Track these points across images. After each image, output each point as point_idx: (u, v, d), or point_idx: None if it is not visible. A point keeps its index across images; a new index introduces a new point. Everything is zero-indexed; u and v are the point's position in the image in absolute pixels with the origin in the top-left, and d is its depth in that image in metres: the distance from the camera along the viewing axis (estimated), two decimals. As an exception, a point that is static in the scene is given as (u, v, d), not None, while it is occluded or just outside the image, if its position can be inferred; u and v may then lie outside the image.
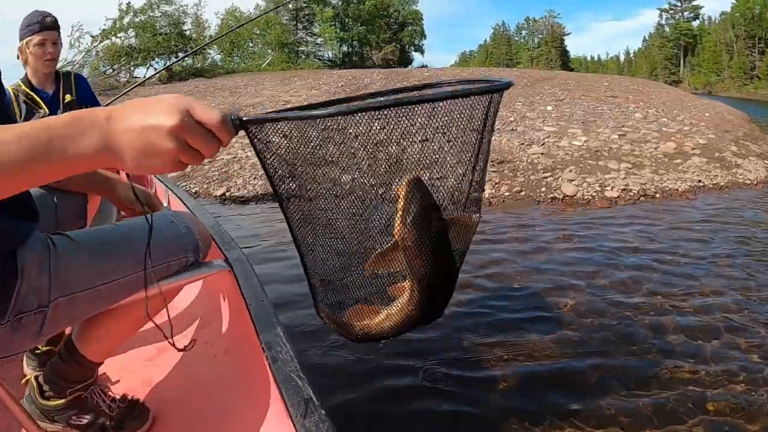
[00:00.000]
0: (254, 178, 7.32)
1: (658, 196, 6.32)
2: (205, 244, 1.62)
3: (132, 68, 28.19)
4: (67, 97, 3.41)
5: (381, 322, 1.20)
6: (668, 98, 13.85)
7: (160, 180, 3.38)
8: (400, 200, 1.06)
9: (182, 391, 1.86)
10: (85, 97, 3.51)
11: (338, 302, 1.21)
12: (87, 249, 1.31)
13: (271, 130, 0.98)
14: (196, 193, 7.10)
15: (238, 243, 2.02)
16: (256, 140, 0.98)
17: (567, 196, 6.27)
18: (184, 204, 2.75)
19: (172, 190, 3.11)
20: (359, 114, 0.94)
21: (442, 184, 1.11)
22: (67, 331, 1.63)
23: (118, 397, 1.68)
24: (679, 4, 76.19)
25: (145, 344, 2.12)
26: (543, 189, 6.45)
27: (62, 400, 1.56)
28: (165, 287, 1.44)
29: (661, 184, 6.61)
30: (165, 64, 29.17)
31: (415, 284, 1.13)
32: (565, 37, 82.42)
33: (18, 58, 3.34)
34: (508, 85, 1.05)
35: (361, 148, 1.04)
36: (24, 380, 1.77)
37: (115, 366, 1.96)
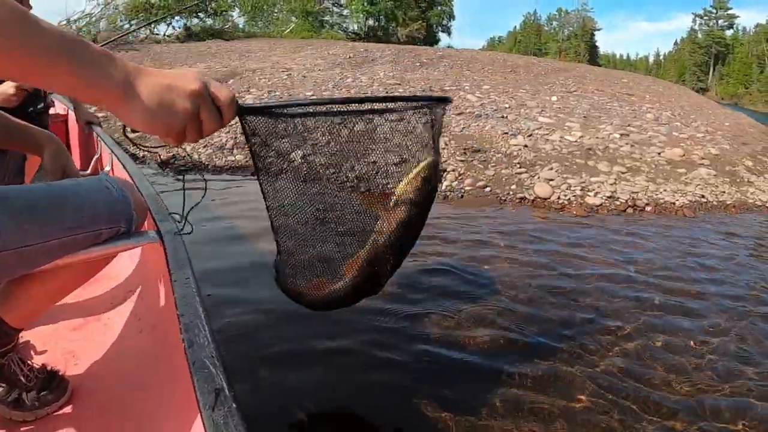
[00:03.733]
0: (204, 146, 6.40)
1: (649, 209, 5.19)
2: (139, 214, 1.54)
3: (152, 26, 27.57)
4: None
5: (334, 292, 1.48)
6: (688, 103, 12.61)
7: (105, 144, 3.20)
8: (417, 169, 1.40)
9: (104, 365, 1.83)
10: None
11: (300, 274, 1.53)
12: (10, 207, 1.21)
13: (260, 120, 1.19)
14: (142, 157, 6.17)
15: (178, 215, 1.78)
16: (247, 125, 1.19)
17: (538, 197, 5.19)
18: (126, 170, 2.57)
19: (116, 156, 2.92)
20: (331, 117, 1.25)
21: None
22: None
23: (37, 366, 1.63)
24: (714, 11, 73.66)
25: (71, 313, 2.09)
26: (513, 186, 5.37)
27: None
28: (92, 255, 1.43)
29: (656, 194, 5.46)
30: (184, 23, 28.28)
31: (365, 261, 1.41)
32: (595, 32, 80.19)
33: None
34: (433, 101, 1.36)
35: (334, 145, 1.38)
36: None
37: (37, 334, 1.89)
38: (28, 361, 1.62)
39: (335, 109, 1.21)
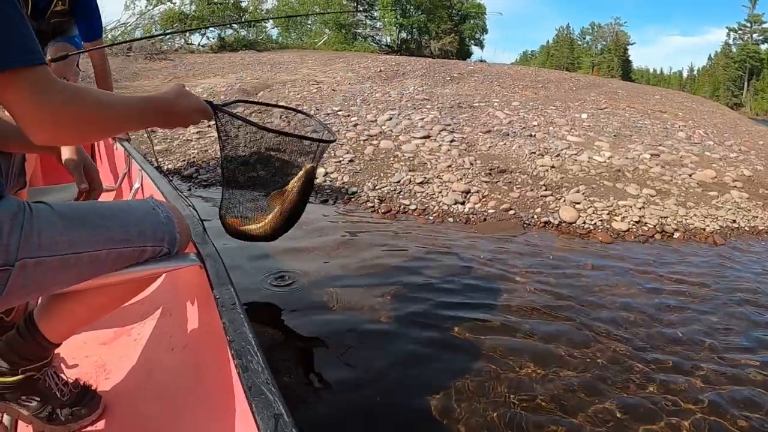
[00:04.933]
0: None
1: (677, 235, 4.99)
2: (183, 237, 1.60)
3: (187, 35, 27.94)
4: (59, 5, 3.33)
5: (258, 230, 2.04)
6: (722, 120, 12.28)
7: (135, 160, 3.18)
8: (301, 174, 1.99)
9: (135, 380, 1.85)
10: (81, 4, 3.41)
11: (236, 215, 2.11)
12: (63, 217, 1.30)
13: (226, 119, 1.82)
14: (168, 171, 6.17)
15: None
16: (219, 122, 1.83)
17: (564, 222, 5.02)
18: (158, 187, 2.62)
19: (146, 172, 2.93)
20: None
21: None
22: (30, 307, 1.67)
23: (71, 381, 1.66)
24: (749, 25, 72.09)
25: (102, 327, 2.13)
26: (537, 210, 5.21)
27: (14, 378, 1.49)
28: (135, 275, 1.49)
29: (686, 220, 5.27)
30: (219, 34, 28.57)
31: (279, 212, 2.00)
32: (629, 47, 79.23)
33: None
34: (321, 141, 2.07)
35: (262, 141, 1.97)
36: None
37: (68, 347, 1.88)
38: (62, 375, 1.64)
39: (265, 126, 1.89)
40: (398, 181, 5.66)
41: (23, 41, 1.06)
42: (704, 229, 5.16)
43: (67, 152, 1.80)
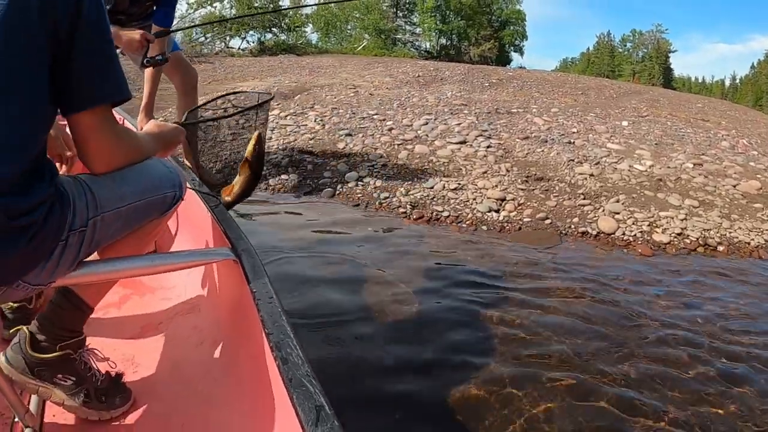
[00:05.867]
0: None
1: (721, 248, 4.75)
2: (185, 182, 1.76)
3: (227, 38, 28.19)
4: None
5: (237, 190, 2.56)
6: (767, 131, 11.90)
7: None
8: (252, 141, 2.48)
9: (164, 373, 1.84)
10: None
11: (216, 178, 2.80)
12: (107, 178, 1.43)
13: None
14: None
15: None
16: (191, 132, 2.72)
17: (602, 232, 4.82)
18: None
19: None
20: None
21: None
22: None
23: (102, 371, 1.67)
24: (796, 33, 70.46)
25: (129, 322, 2.15)
26: (575, 219, 5.02)
27: (52, 354, 1.51)
28: (171, 267, 1.71)
29: (730, 233, 5.02)
30: (258, 38, 28.78)
31: (245, 175, 2.51)
32: (670, 54, 77.71)
33: None
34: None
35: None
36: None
37: (97, 341, 1.81)
38: (95, 364, 1.67)
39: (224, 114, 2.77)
40: (432, 187, 5.53)
41: (123, 78, 1.38)
42: (749, 243, 4.91)
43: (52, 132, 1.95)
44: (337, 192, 5.50)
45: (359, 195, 5.43)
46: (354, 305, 3.22)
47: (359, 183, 5.66)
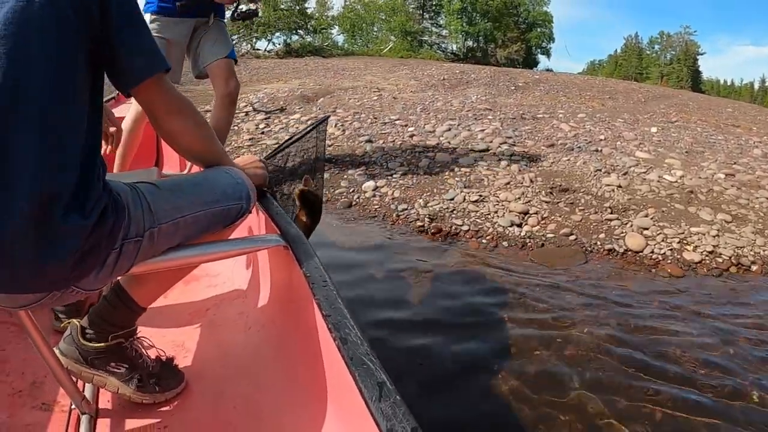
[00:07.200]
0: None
1: (755, 267, 4.44)
2: (254, 195, 1.76)
3: (254, 40, 28.26)
4: None
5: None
6: (799, 136, 11.47)
7: None
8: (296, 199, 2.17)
9: (213, 358, 1.89)
10: None
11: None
12: (166, 189, 1.48)
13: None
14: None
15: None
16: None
17: (630, 250, 4.54)
18: None
19: None
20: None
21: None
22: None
23: (153, 356, 1.71)
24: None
25: (177, 309, 2.19)
26: (601, 236, 4.75)
27: (103, 344, 1.56)
28: (222, 254, 1.70)
29: (764, 251, 4.70)
30: (284, 40, 28.83)
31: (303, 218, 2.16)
32: (699, 57, 76.25)
33: None
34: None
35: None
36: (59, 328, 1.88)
37: (145, 329, 1.82)
38: (145, 351, 1.70)
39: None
40: (452, 199, 5.30)
41: (161, 52, 1.39)
42: (786, 262, 4.62)
43: None
44: (353, 203, 5.32)
45: (376, 206, 5.23)
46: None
47: (377, 193, 5.46)
